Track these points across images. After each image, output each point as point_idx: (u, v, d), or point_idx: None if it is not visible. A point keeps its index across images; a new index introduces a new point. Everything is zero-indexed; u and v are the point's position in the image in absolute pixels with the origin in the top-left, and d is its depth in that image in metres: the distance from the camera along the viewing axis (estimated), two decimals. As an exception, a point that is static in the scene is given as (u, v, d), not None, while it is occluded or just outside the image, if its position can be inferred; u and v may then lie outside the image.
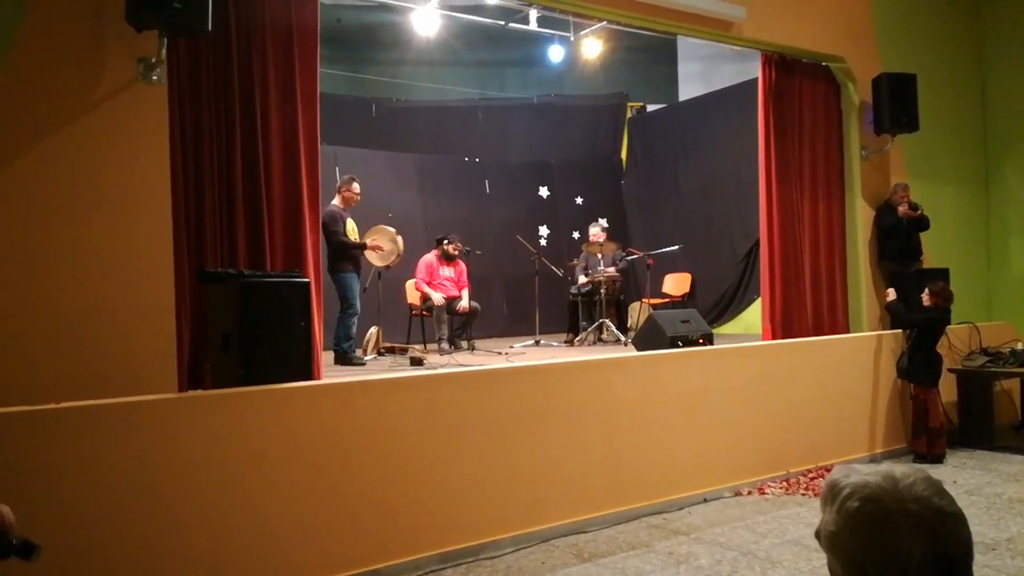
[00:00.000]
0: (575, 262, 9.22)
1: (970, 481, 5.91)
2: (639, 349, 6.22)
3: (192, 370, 4.51)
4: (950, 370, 7.11)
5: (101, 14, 4.15)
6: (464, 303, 8.06)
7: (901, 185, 7.57)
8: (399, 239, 7.48)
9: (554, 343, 8.45)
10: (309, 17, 5.03)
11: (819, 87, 7.58)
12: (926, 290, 6.58)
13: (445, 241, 8.25)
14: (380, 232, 7.43)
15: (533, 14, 8.09)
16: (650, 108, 12.07)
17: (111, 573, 3.58)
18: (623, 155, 12.03)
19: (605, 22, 7.73)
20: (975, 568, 1.25)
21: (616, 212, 11.54)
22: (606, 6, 6.26)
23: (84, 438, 3.57)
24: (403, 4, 8.13)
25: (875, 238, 7.63)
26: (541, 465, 4.89)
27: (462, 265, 8.37)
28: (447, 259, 8.24)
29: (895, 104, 7.37)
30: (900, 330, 6.99)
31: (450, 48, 9.93)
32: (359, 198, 7.13)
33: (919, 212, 7.41)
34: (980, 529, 4.78)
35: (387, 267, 7.60)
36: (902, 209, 7.34)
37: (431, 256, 8.25)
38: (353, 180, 7.14)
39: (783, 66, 7.28)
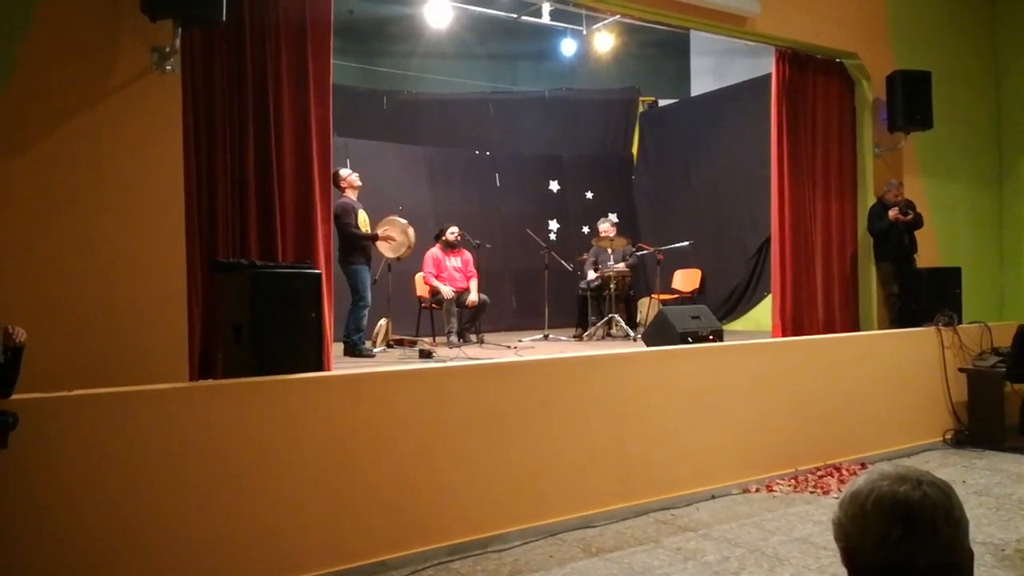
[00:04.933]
0: (584, 257, 9.21)
1: (979, 481, 5.89)
2: (648, 344, 6.21)
3: (203, 360, 4.53)
4: (960, 370, 7.08)
5: (116, 3, 4.15)
6: (473, 296, 8.07)
7: (895, 183, 7.44)
8: (410, 230, 7.46)
9: (563, 337, 8.45)
10: (322, 8, 5.03)
11: (833, 83, 7.54)
12: None
13: (443, 233, 8.27)
14: (391, 224, 7.42)
15: (546, 7, 8.08)
16: (662, 103, 12.03)
17: (121, 559, 3.60)
18: (634, 150, 12.00)
19: (618, 16, 7.72)
20: (982, 569, 1.31)
21: (626, 207, 11.52)
22: (619, 0, 6.24)
23: (95, 426, 3.58)
24: (416, -4, 8.12)
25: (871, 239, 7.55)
26: (549, 459, 4.89)
27: (467, 254, 8.36)
28: (450, 248, 8.25)
29: (909, 101, 7.33)
30: None
31: (462, 41, 9.92)
32: (359, 183, 7.10)
33: (910, 216, 7.28)
34: (989, 530, 4.76)
35: (398, 259, 7.59)
36: (892, 213, 7.23)
37: (435, 249, 8.25)
38: (340, 169, 7.09)
39: (797, 62, 7.25)
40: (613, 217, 9.57)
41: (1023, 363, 5.00)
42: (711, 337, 6.17)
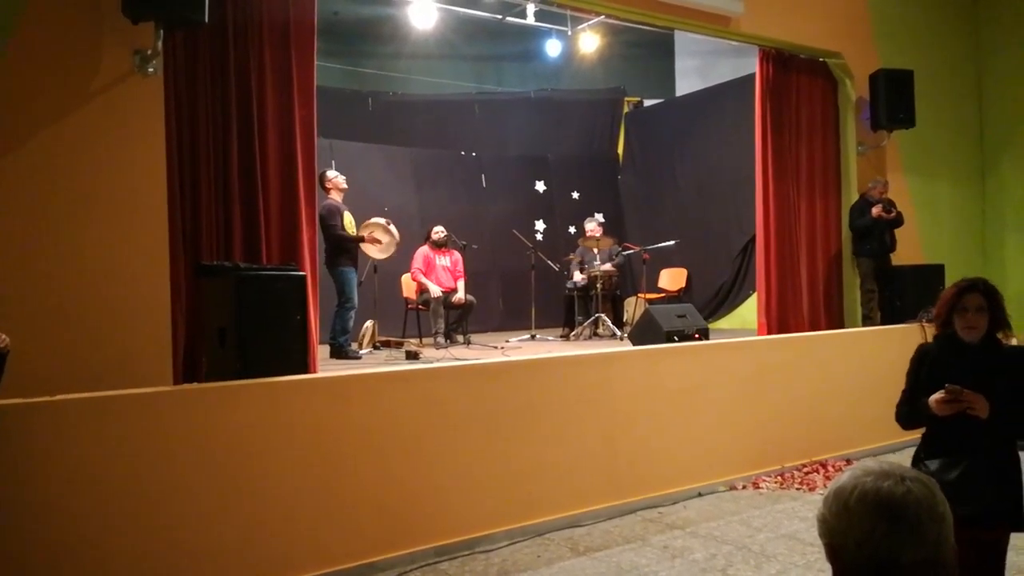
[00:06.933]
0: (571, 257, 9.22)
1: (964, 476, 5.93)
2: (635, 344, 6.23)
3: (188, 364, 4.51)
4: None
5: (98, 5, 4.14)
6: (460, 295, 8.07)
7: (880, 181, 7.51)
8: (392, 228, 7.45)
9: (550, 337, 8.45)
10: (306, 10, 5.02)
11: (816, 83, 7.59)
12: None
13: (431, 233, 8.29)
14: (373, 226, 7.41)
15: (531, 8, 8.07)
16: (647, 103, 12.06)
17: (104, 565, 3.58)
18: (620, 150, 12.02)
19: (603, 16, 7.73)
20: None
21: (613, 207, 11.53)
22: (604, 0, 6.25)
23: (79, 431, 3.56)
24: (400, -3, 8.11)
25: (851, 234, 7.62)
26: (536, 459, 4.90)
27: (457, 254, 8.37)
28: (439, 248, 8.26)
29: (892, 100, 7.39)
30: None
31: (447, 42, 9.90)
32: (345, 185, 7.10)
33: (893, 213, 7.35)
34: (973, 524, 4.80)
35: (388, 258, 7.58)
36: (876, 211, 7.29)
37: (425, 247, 8.26)
38: (326, 171, 7.10)
39: (781, 62, 7.29)
40: (599, 217, 9.57)
41: (911, 400, 3.26)
42: (697, 336, 6.20)
